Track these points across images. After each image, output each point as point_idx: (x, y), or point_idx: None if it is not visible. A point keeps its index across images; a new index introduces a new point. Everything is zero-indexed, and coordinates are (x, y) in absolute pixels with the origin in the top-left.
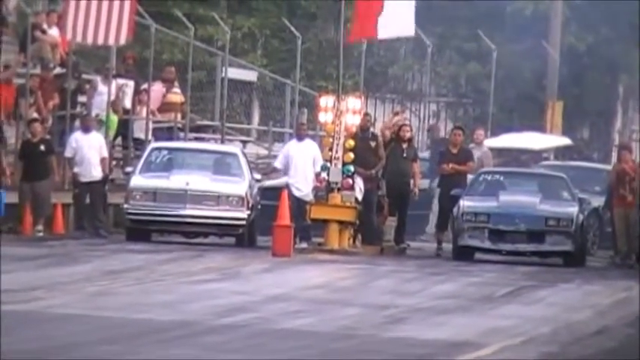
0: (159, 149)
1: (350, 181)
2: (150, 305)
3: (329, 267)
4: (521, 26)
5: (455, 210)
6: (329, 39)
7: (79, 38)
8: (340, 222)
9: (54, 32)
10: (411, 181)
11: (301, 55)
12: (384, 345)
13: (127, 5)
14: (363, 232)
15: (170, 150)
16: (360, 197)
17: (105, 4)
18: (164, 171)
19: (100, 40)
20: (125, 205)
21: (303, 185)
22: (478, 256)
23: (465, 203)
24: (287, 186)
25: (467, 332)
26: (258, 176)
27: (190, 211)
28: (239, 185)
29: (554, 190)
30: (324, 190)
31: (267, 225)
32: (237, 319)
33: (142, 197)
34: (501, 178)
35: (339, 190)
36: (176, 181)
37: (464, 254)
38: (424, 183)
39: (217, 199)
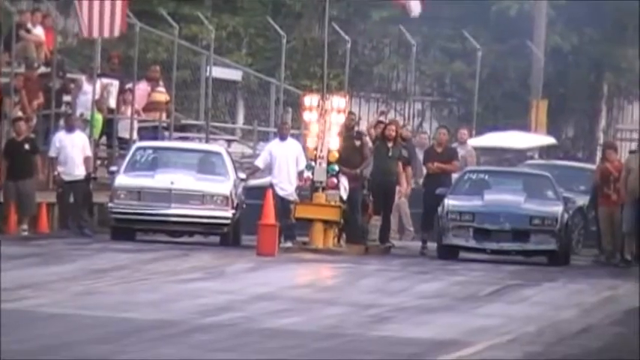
0: (143, 148)
1: (335, 180)
2: (136, 304)
3: (314, 266)
4: (506, 26)
5: (439, 209)
6: (314, 38)
7: (85, 33)
8: (325, 221)
9: (38, 31)
10: (398, 180)
11: (286, 54)
12: (370, 344)
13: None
14: (348, 231)
15: (154, 149)
16: (345, 196)
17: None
18: (149, 170)
19: (95, 34)
20: (109, 204)
21: (286, 185)
22: (463, 255)
23: (450, 202)
24: (271, 185)
25: (452, 331)
26: (243, 175)
27: (175, 210)
28: (224, 184)
29: (538, 189)
30: (308, 189)
31: (251, 224)
32: (222, 318)
33: (127, 196)
34: (486, 177)
35: (323, 189)
36: (161, 180)
37: (448, 253)
38: None
39: (202, 198)
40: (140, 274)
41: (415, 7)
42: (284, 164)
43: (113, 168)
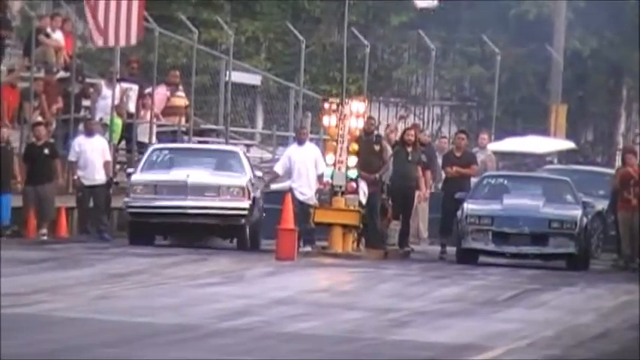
0: (160, 149)
1: (354, 184)
2: (153, 308)
3: (333, 270)
4: (525, 29)
5: (459, 213)
6: (333, 42)
7: (100, 43)
8: (344, 225)
9: (58, 36)
10: (417, 185)
11: (305, 58)
12: (388, 348)
13: (135, 6)
14: (367, 236)
15: (171, 150)
16: (364, 201)
17: (113, 6)
18: (164, 168)
19: (111, 42)
20: (125, 199)
21: (306, 189)
22: (482, 259)
23: (469, 206)
24: (290, 190)
25: (470, 335)
26: (260, 174)
27: (191, 202)
28: (240, 178)
29: (557, 193)
30: (327, 194)
31: (271, 228)
32: (240, 322)
33: (143, 190)
34: (505, 182)
35: (342, 193)
36: (176, 174)
37: (468, 257)
38: None
39: (218, 189)
40: (158, 279)
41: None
42: (303, 169)
43: (130, 170)
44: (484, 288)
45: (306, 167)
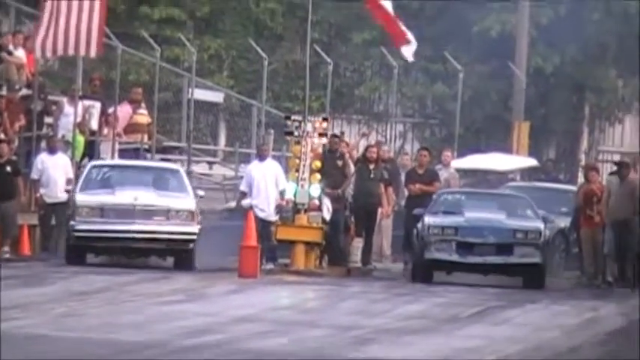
0: (99, 167)
1: (316, 201)
2: (118, 326)
3: (296, 288)
4: (488, 47)
5: (419, 226)
6: (295, 60)
7: (49, 54)
8: (307, 243)
9: (20, 53)
10: (380, 202)
11: (268, 76)
12: None
13: (95, 18)
14: (330, 253)
15: (110, 167)
16: (328, 217)
17: (73, 18)
18: (106, 187)
19: (71, 51)
20: (71, 222)
21: (265, 206)
22: (437, 277)
23: (430, 219)
24: (251, 207)
25: (435, 353)
26: (201, 193)
27: (139, 226)
28: (188, 200)
29: (517, 208)
30: (290, 211)
31: (231, 245)
32: (204, 339)
33: (89, 213)
34: (462, 198)
35: (305, 211)
36: (123, 196)
37: (430, 268)
38: None
39: (167, 213)
40: (122, 296)
41: (408, 53)
42: (263, 185)
43: (68, 187)
44: (447, 305)
45: (265, 183)
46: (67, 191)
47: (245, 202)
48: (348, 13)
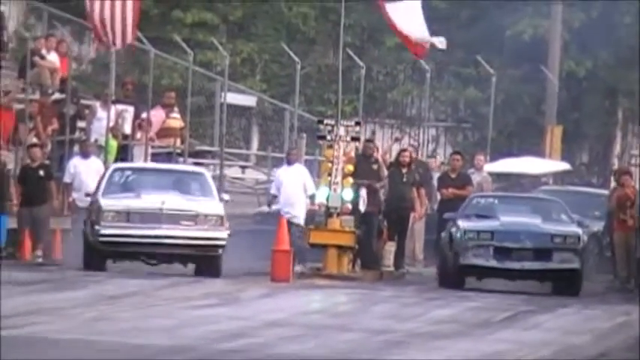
0: (121, 170)
1: (349, 206)
2: (148, 330)
3: (328, 292)
4: (520, 51)
5: (452, 230)
6: (328, 64)
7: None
8: (339, 247)
9: (53, 57)
10: (412, 206)
11: (300, 80)
12: None
13: (129, 6)
14: (363, 257)
15: (133, 170)
16: (363, 209)
17: (107, 6)
18: (130, 191)
19: (110, 45)
20: (96, 227)
21: (292, 209)
22: (468, 283)
23: (465, 223)
24: (278, 211)
25: (466, 357)
26: (226, 197)
27: (166, 231)
28: (216, 204)
29: (551, 212)
30: (322, 215)
31: (264, 250)
32: (236, 344)
33: (115, 218)
34: (495, 202)
35: (338, 215)
36: (150, 200)
37: (463, 274)
38: None
39: (195, 218)
40: (153, 300)
41: (441, 44)
42: (290, 189)
43: (89, 190)
44: (479, 309)
45: (293, 188)
46: (87, 195)
47: (275, 207)
48: (381, 17)
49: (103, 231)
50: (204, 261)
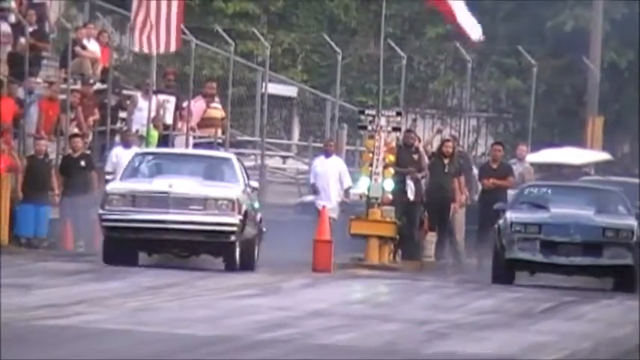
0: (143, 154)
1: (390, 196)
2: (192, 320)
3: (369, 282)
4: (562, 41)
5: (500, 222)
6: (369, 54)
7: (144, 48)
8: (380, 237)
9: (94, 47)
10: (453, 197)
11: (341, 70)
12: None
13: (174, 14)
14: (404, 248)
15: (156, 155)
16: (412, 197)
17: (153, 14)
18: (148, 177)
19: (147, 49)
20: (100, 212)
21: (327, 201)
22: (520, 278)
23: (513, 215)
24: (313, 201)
25: (508, 348)
26: (255, 184)
27: (173, 216)
28: (230, 189)
29: (607, 204)
30: (363, 205)
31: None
32: (278, 334)
33: (119, 202)
34: (549, 192)
35: (379, 205)
36: (158, 184)
37: (512, 268)
38: None
39: (205, 202)
40: (194, 291)
41: (474, 33)
42: (325, 181)
43: (109, 177)
44: (521, 300)
45: (328, 179)
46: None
47: (310, 197)
48: (422, 7)
49: (107, 216)
50: (216, 249)
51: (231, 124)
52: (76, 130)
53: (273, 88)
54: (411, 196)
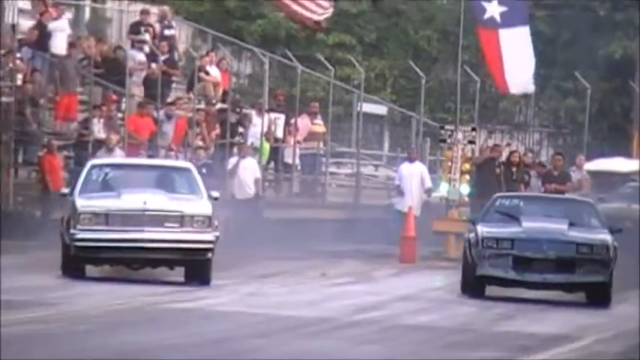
0: (99, 166)
1: (466, 198)
2: (295, 304)
3: (448, 272)
4: (612, 68)
5: (471, 235)
6: (448, 79)
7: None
8: (457, 234)
9: (215, 72)
10: None
11: (425, 92)
12: (495, 337)
13: None
14: None
15: (111, 166)
16: None
17: None
18: (109, 190)
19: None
20: (72, 231)
21: (410, 201)
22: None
23: (484, 229)
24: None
25: (565, 327)
26: (215, 194)
27: (149, 234)
28: (204, 204)
29: (581, 216)
30: (443, 207)
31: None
32: (370, 315)
33: (91, 221)
34: (520, 204)
35: (457, 206)
36: (130, 200)
37: (483, 284)
38: None
39: (181, 219)
40: (299, 278)
41: (516, 87)
42: (409, 182)
43: (65, 190)
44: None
45: (411, 181)
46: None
47: (395, 200)
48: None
49: (79, 235)
50: (191, 265)
51: (331, 138)
52: (200, 143)
53: (367, 107)
54: None
